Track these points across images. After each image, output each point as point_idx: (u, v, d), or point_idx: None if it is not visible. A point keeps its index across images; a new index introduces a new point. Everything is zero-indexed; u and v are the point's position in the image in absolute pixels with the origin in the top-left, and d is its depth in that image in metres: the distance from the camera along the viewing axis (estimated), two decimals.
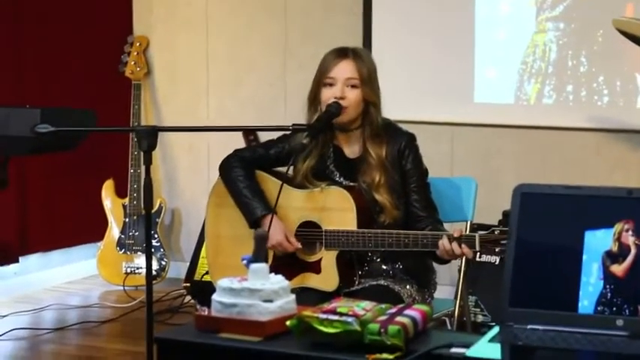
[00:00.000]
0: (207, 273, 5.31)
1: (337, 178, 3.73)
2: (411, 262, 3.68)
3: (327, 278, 3.61)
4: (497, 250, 3.34)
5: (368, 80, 3.65)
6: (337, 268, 3.60)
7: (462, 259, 3.81)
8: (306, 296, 3.34)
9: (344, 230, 3.57)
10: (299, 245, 3.66)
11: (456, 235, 3.38)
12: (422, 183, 3.71)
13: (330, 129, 3.72)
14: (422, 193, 3.70)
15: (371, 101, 3.66)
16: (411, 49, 5.69)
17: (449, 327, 3.94)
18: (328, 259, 3.61)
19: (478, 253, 4.70)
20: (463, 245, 3.36)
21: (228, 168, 3.81)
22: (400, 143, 3.69)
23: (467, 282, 4.15)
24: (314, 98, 3.72)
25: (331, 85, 3.65)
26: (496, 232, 3.33)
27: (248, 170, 3.79)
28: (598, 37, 5.26)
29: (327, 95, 3.65)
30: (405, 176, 3.69)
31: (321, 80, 3.69)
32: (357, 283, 3.64)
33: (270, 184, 3.77)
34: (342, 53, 3.69)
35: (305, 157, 3.72)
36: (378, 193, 3.62)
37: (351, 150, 3.75)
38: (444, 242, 3.38)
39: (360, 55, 3.71)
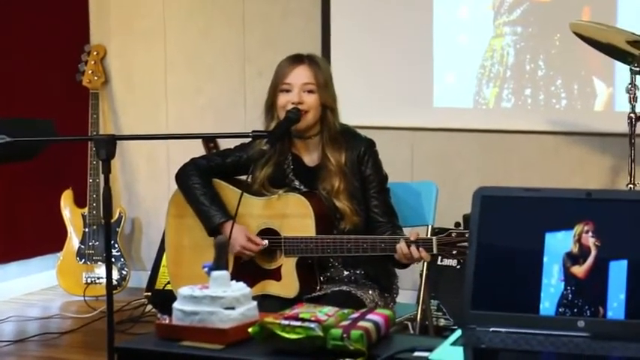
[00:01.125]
0: (169, 282, 5.28)
1: (297, 186, 3.72)
2: (373, 268, 3.68)
3: (288, 285, 3.60)
4: (454, 252, 3.34)
5: (324, 85, 3.66)
6: (297, 275, 3.59)
7: (423, 263, 3.81)
8: (268, 303, 3.32)
9: (302, 237, 3.56)
10: (265, 243, 3.64)
11: (412, 238, 3.39)
12: (381, 189, 3.72)
13: (288, 137, 3.72)
14: (381, 198, 3.70)
15: (328, 106, 3.67)
16: (370, 55, 5.69)
17: (411, 331, 3.94)
18: (288, 265, 3.61)
19: (439, 257, 4.71)
20: (420, 248, 3.37)
21: (185, 176, 3.80)
22: (359, 149, 3.69)
23: (429, 286, 4.16)
24: (271, 105, 3.72)
25: (288, 91, 3.66)
26: (453, 235, 3.34)
27: (205, 178, 3.78)
28: (555, 40, 5.29)
29: (284, 101, 3.65)
30: (365, 182, 3.69)
31: (277, 87, 3.69)
32: (318, 288, 3.63)
33: (227, 192, 3.76)
34: (297, 59, 3.70)
35: (262, 165, 3.71)
36: (338, 200, 3.62)
37: (310, 158, 3.75)
38: (401, 246, 3.39)
39: (316, 61, 3.73)
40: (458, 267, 4.86)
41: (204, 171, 3.80)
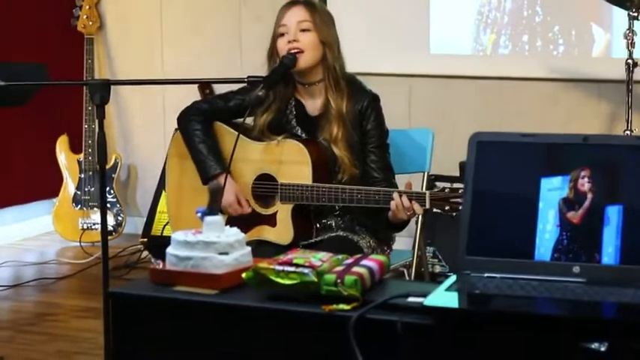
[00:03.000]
0: (167, 224, 5.29)
1: (298, 133, 3.70)
2: (369, 219, 3.65)
3: (282, 231, 3.59)
4: (447, 208, 3.31)
5: (321, 23, 3.63)
6: (292, 222, 3.58)
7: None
8: (263, 249, 3.32)
9: (299, 184, 3.54)
10: (249, 209, 3.64)
11: (406, 188, 3.36)
12: (381, 144, 3.67)
13: (291, 83, 3.69)
14: (379, 154, 3.66)
15: (327, 45, 3.62)
16: (367, 0, 5.65)
17: (407, 278, 3.94)
18: (283, 212, 3.59)
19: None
20: (413, 201, 3.34)
21: (186, 121, 3.77)
22: (362, 102, 3.65)
23: (424, 233, 4.15)
24: (272, 53, 3.69)
25: (285, 33, 3.62)
26: (446, 190, 3.31)
27: (205, 124, 3.75)
28: None
29: (282, 45, 3.62)
30: (365, 136, 3.65)
31: (276, 33, 3.66)
32: (314, 235, 3.62)
33: (227, 136, 3.73)
34: (293, 1, 3.69)
35: (264, 111, 3.69)
36: (337, 148, 3.59)
37: (314, 106, 3.71)
38: (395, 196, 3.36)
39: (312, 2, 3.70)
40: (453, 214, 4.85)
41: (206, 115, 3.77)
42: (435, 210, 3.37)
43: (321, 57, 3.63)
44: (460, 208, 3.16)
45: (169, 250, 2.55)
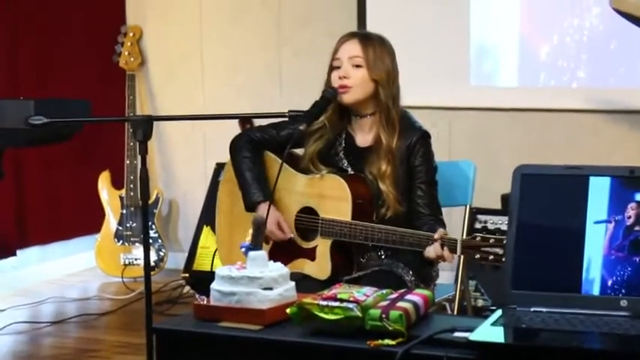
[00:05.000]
0: (214, 256, 5.29)
1: (344, 166, 3.69)
2: (411, 256, 3.62)
3: (321, 266, 3.58)
4: (477, 256, 3.25)
5: (375, 59, 3.61)
6: (331, 257, 3.56)
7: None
8: (307, 284, 3.31)
9: (338, 220, 3.53)
10: (290, 235, 3.64)
11: (436, 236, 3.31)
12: (428, 180, 3.64)
13: (346, 115, 3.69)
14: (427, 190, 3.62)
15: (380, 83, 3.61)
16: (407, 33, 5.64)
17: (449, 312, 3.92)
18: (323, 247, 3.58)
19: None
20: (445, 248, 3.31)
21: (237, 148, 3.79)
22: (411, 139, 3.62)
23: (466, 266, 4.12)
24: (326, 85, 3.68)
25: (338, 67, 3.62)
26: (477, 239, 3.26)
27: (255, 152, 3.76)
28: (594, 17, 5.23)
29: (334, 78, 3.62)
30: (412, 172, 3.62)
31: (331, 66, 3.67)
32: (356, 270, 3.61)
33: (276, 166, 3.72)
34: (349, 35, 3.68)
35: (315, 140, 3.69)
36: (383, 184, 3.56)
37: (364, 139, 3.69)
38: (428, 245, 3.34)
39: (369, 36, 3.67)
40: (482, 263, 4.82)
41: (257, 144, 3.78)
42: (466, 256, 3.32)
43: (371, 93, 3.62)
44: (490, 258, 3.14)
45: (213, 285, 2.55)
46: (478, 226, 4.96)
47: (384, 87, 3.61)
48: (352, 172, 3.66)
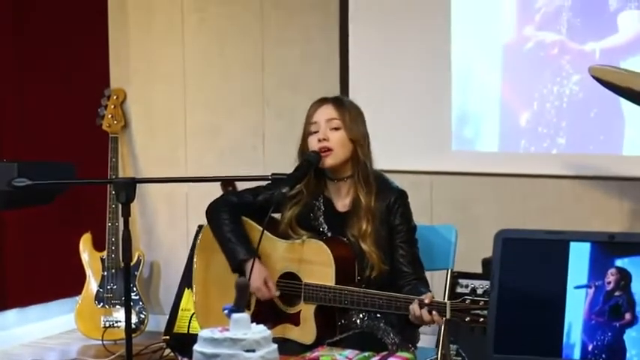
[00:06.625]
0: (191, 320, 5.28)
1: (324, 230, 3.71)
2: (395, 318, 3.63)
3: (306, 331, 3.58)
4: (467, 319, 3.26)
5: (350, 122, 3.66)
6: (315, 322, 3.57)
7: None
8: (289, 346, 3.31)
9: (322, 285, 3.54)
10: (276, 293, 3.64)
11: (426, 301, 3.32)
12: (409, 239, 3.68)
13: (321, 179, 3.72)
14: (408, 249, 3.66)
15: (357, 143, 3.65)
16: (389, 99, 5.70)
17: None
18: (307, 312, 3.59)
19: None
20: (434, 312, 3.30)
21: (215, 212, 3.80)
22: (390, 198, 3.67)
23: (448, 330, 4.13)
24: (302, 150, 3.72)
25: (316, 132, 3.66)
26: (467, 302, 3.27)
27: (234, 215, 3.78)
28: (574, 85, 5.29)
29: (313, 142, 3.65)
30: (393, 232, 3.66)
31: (306, 130, 3.70)
32: (338, 332, 3.61)
33: (254, 231, 3.75)
34: (323, 100, 3.74)
35: (292, 205, 3.71)
36: (365, 244, 3.59)
37: (342, 203, 3.73)
38: (414, 307, 3.33)
39: (341, 100, 3.75)
40: (473, 326, 4.83)
41: (235, 208, 3.80)
42: (454, 319, 3.32)
43: (350, 154, 3.67)
44: (480, 320, 3.16)
45: (196, 347, 2.55)
46: (460, 290, 4.97)
47: (362, 147, 3.66)
48: (332, 236, 3.68)
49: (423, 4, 5.61)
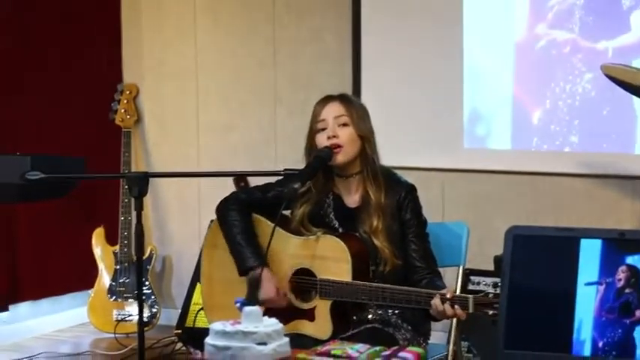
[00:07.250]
0: (197, 315, 5.29)
1: (336, 226, 3.72)
2: (409, 312, 3.64)
3: (321, 326, 3.58)
4: (490, 312, 3.27)
5: (358, 118, 3.68)
6: (331, 317, 3.58)
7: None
8: (301, 340, 3.32)
9: (338, 281, 3.55)
10: (286, 303, 3.65)
11: (448, 295, 3.32)
12: (420, 233, 3.69)
13: (329, 176, 3.73)
14: (419, 243, 3.67)
15: (366, 139, 3.67)
16: (401, 96, 5.70)
17: None
18: (322, 307, 3.59)
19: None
20: (456, 307, 3.31)
21: (225, 210, 3.80)
22: (400, 194, 3.68)
23: (459, 327, 4.13)
24: (310, 148, 3.72)
25: (324, 129, 3.67)
26: (490, 296, 3.28)
27: (244, 214, 3.77)
28: (586, 83, 5.29)
29: (322, 140, 3.66)
30: (404, 226, 3.67)
31: (313, 128, 3.71)
32: (351, 328, 3.62)
33: (265, 228, 3.75)
34: (328, 97, 3.74)
35: (302, 203, 3.72)
36: (377, 239, 3.60)
37: (352, 199, 3.74)
38: (436, 302, 3.32)
39: (347, 96, 3.77)
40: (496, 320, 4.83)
41: (245, 206, 3.80)
42: (478, 313, 3.31)
43: (359, 150, 3.68)
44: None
45: (208, 340, 2.57)
46: (471, 287, 4.98)
47: (369, 142, 3.68)
48: (344, 232, 3.69)
49: (435, 2, 5.62)
